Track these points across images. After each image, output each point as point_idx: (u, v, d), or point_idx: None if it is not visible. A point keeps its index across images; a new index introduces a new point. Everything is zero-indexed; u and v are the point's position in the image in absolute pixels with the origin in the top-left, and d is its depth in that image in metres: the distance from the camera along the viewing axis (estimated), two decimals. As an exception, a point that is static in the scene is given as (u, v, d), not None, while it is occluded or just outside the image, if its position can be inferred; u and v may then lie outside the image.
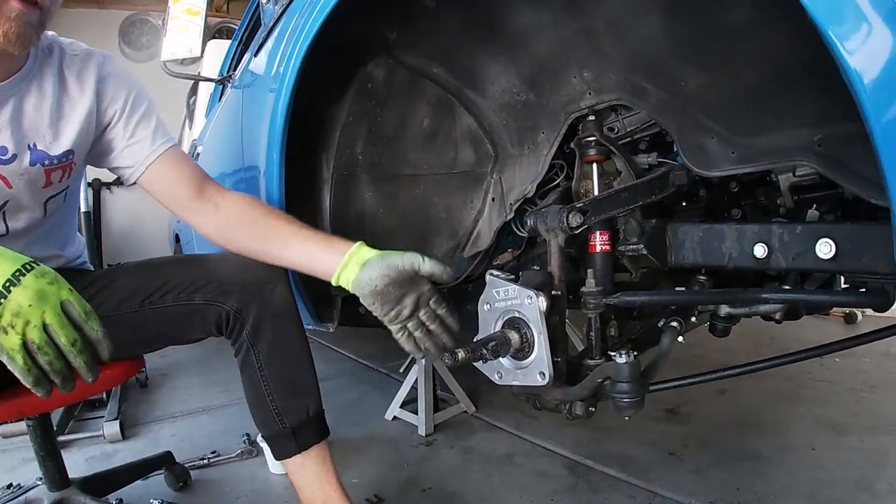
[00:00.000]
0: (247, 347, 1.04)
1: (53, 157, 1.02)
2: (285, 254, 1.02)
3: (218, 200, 1.08)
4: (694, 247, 1.00)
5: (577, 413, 0.92)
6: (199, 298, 1.04)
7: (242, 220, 1.06)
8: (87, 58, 1.06)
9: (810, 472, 1.49)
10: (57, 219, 1.13)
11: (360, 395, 2.37)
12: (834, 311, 3.14)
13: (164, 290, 1.05)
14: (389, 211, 1.30)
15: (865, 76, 0.54)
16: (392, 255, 0.91)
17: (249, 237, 1.05)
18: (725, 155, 0.96)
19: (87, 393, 1.15)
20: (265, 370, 1.05)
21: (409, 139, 1.28)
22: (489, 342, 0.85)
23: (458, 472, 1.62)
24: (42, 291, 0.71)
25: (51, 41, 1.04)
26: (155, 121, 1.11)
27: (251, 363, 1.05)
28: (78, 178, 1.14)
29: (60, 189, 1.08)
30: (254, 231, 1.04)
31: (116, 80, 1.08)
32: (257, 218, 1.05)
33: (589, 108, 1.11)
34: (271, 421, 1.08)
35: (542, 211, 0.95)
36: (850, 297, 0.88)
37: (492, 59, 1.18)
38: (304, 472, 1.11)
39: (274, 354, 1.05)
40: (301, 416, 1.08)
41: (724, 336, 1.11)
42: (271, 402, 1.06)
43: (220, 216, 1.07)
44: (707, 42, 0.92)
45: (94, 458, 1.85)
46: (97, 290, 1.06)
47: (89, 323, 0.74)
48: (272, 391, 1.06)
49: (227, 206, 1.07)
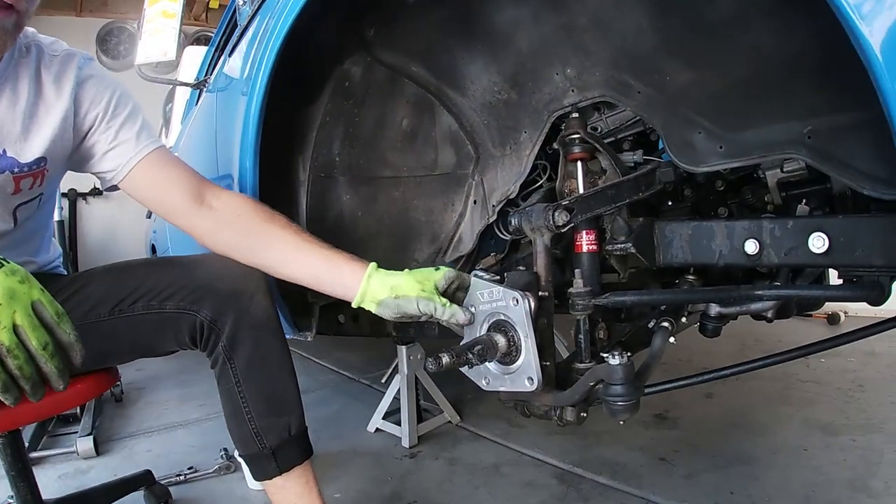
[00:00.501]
0: (223, 360, 0.97)
1: (24, 164, 0.94)
2: (286, 270, 0.97)
3: (213, 203, 1.00)
4: (683, 245, 0.98)
5: (567, 419, 0.88)
6: (171, 306, 0.96)
7: (239, 228, 0.98)
8: (67, 60, 0.99)
9: (803, 473, 1.47)
10: (29, 227, 1.06)
11: (341, 406, 2.31)
12: (817, 314, 3.16)
13: (134, 297, 0.97)
14: (368, 214, 1.26)
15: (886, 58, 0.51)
16: (408, 299, 0.87)
17: (245, 247, 0.98)
18: (713, 150, 0.94)
19: (58, 408, 1.08)
20: (243, 385, 0.97)
21: (387, 140, 1.24)
22: (475, 346, 0.80)
23: (443, 485, 1.56)
24: (12, 290, 0.66)
25: (30, 40, 0.96)
26: (140, 122, 1.03)
27: (228, 377, 0.97)
28: (52, 185, 1.06)
29: (31, 196, 1.00)
30: (251, 241, 0.97)
31: (97, 83, 1.01)
32: (257, 225, 0.97)
33: (572, 106, 1.09)
34: (249, 440, 1.00)
35: (526, 210, 0.91)
36: (845, 292, 0.86)
37: (472, 56, 1.15)
38: (285, 493, 1.04)
39: (253, 368, 0.98)
40: (282, 436, 1.01)
41: (715, 336, 1.08)
42: (250, 421, 0.98)
43: (213, 222, 0.99)
44: (693, 37, 0.90)
45: (67, 474, 1.77)
46: (67, 296, 0.98)
47: (61, 326, 0.69)
48: (251, 408, 0.98)
49: (223, 210, 0.99)
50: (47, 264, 1.16)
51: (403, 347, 1.83)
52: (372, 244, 1.26)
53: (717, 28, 0.86)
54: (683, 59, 0.93)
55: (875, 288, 0.82)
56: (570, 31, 1.01)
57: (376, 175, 1.25)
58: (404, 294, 0.87)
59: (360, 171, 1.23)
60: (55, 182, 1.06)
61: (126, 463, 1.84)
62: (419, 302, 0.86)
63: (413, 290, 0.87)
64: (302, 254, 0.95)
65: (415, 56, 1.18)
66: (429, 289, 0.87)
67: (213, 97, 1.65)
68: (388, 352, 2.50)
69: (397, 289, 0.88)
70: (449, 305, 0.87)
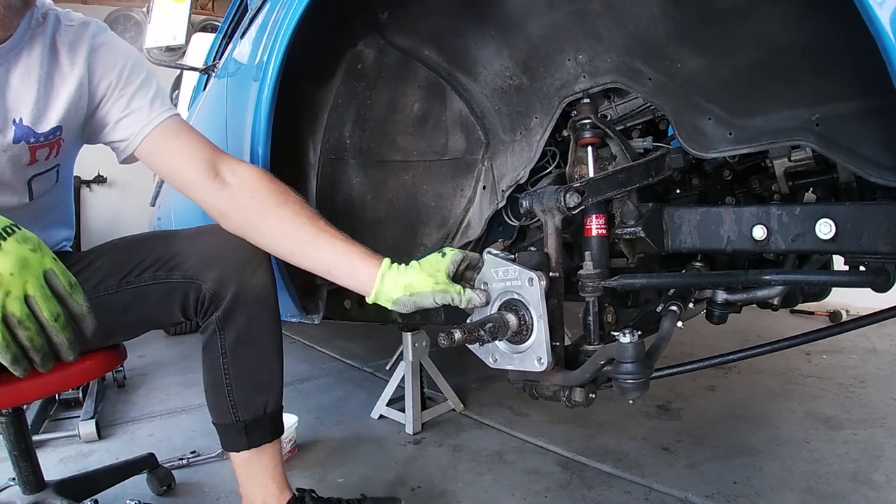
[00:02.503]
0: (213, 329, 0.98)
1: (40, 133, 0.94)
2: (297, 260, 0.95)
3: (228, 178, 0.96)
4: (691, 230, 0.98)
5: (576, 400, 0.88)
6: (178, 276, 0.97)
7: (251, 212, 0.95)
8: (82, 28, 0.98)
9: (806, 465, 1.48)
10: (47, 201, 1.06)
11: (344, 394, 2.32)
12: (819, 311, 3.17)
13: (141, 268, 0.98)
14: (377, 198, 1.27)
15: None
16: (424, 294, 0.87)
17: (256, 232, 0.96)
18: (722, 136, 0.94)
19: (65, 385, 1.06)
20: (228, 357, 0.98)
21: (398, 124, 1.24)
22: (486, 324, 0.81)
23: (447, 471, 1.57)
24: (24, 259, 0.65)
25: (46, 9, 0.96)
26: (154, 90, 1.01)
27: (215, 347, 0.98)
28: (69, 158, 1.06)
29: (48, 167, 1.00)
30: (263, 227, 0.95)
31: (110, 50, 1.00)
32: (270, 211, 0.94)
33: (583, 92, 1.09)
34: (224, 411, 1.01)
35: (538, 191, 0.92)
36: (850, 277, 0.87)
37: (484, 41, 1.16)
38: (250, 466, 1.06)
39: (241, 343, 0.98)
40: (257, 412, 1.02)
41: (721, 323, 1.09)
42: (228, 393, 1.00)
43: (227, 201, 0.96)
44: (704, 24, 0.91)
45: (69, 457, 1.78)
46: (76, 271, 0.98)
47: (73, 297, 0.69)
48: (231, 381, 0.99)
49: (237, 188, 0.96)
50: (57, 243, 1.16)
51: (408, 334, 1.84)
52: (380, 228, 1.27)
53: (727, 15, 0.86)
54: (694, 46, 0.93)
55: (880, 274, 0.83)
56: (582, 16, 1.01)
57: (386, 159, 1.26)
58: (419, 291, 0.87)
59: (371, 155, 1.23)
60: (72, 155, 1.07)
61: (128, 447, 1.85)
62: (435, 296, 0.86)
63: (427, 286, 0.87)
64: (313, 245, 0.93)
65: (427, 40, 1.19)
66: (442, 280, 0.87)
67: (223, 83, 1.65)
68: (391, 341, 2.51)
69: (411, 287, 0.87)
70: (464, 292, 0.87)
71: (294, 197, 0.97)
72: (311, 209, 0.97)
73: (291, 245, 0.94)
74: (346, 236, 0.94)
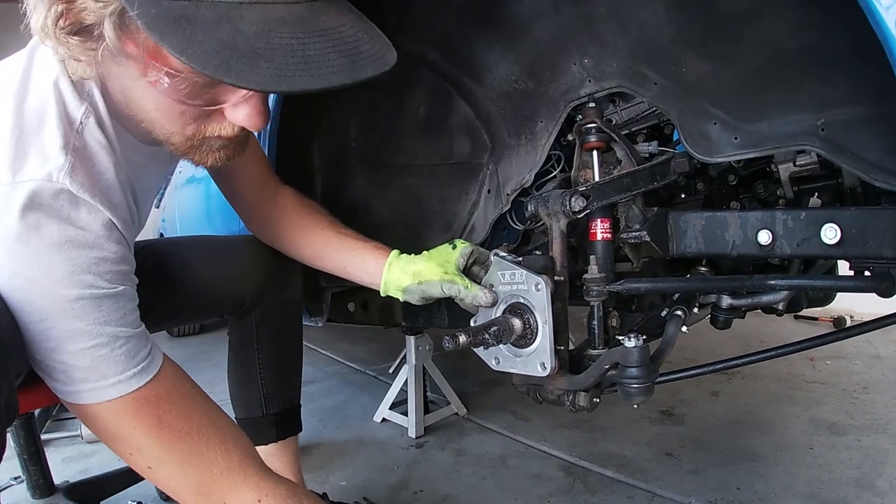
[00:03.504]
0: (251, 326, 1.03)
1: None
2: (318, 263, 1.01)
3: (275, 196, 1.04)
4: (696, 235, 0.98)
5: (580, 404, 0.88)
6: (223, 277, 1.03)
7: (284, 227, 1.02)
8: None
9: (810, 471, 1.48)
10: None
11: (347, 397, 2.32)
12: (823, 317, 3.16)
13: (182, 267, 1.03)
14: (382, 201, 1.27)
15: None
16: (432, 283, 0.89)
17: (286, 241, 1.03)
18: (728, 141, 0.94)
19: None
20: (263, 353, 1.04)
21: (403, 127, 1.25)
22: (491, 327, 0.81)
23: (450, 475, 1.57)
24: None
25: None
26: None
27: (250, 343, 1.04)
28: None
29: None
30: (292, 237, 1.02)
31: None
32: (297, 223, 1.02)
33: (589, 96, 1.09)
34: (256, 405, 1.06)
35: (543, 195, 0.92)
36: (855, 282, 0.87)
37: (490, 46, 1.16)
38: (273, 460, 1.08)
39: (276, 340, 1.05)
40: (285, 406, 1.08)
41: (726, 328, 1.09)
42: (262, 386, 1.04)
43: (271, 212, 1.03)
44: (709, 28, 0.91)
45: (71, 458, 1.78)
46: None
47: None
48: (265, 375, 1.04)
49: (281, 203, 1.03)
50: None
51: (412, 338, 1.84)
52: (385, 231, 1.27)
53: (733, 20, 0.87)
54: (699, 51, 0.93)
55: (885, 279, 0.83)
56: (588, 21, 1.02)
57: (391, 162, 1.26)
58: (427, 279, 0.89)
59: (376, 158, 1.24)
60: None
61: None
62: (443, 285, 0.88)
63: (436, 275, 0.88)
64: (331, 247, 0.99)
65: (433, 44, 1.19)
66: (451, 271, 0.89)
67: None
68: (394, 344, 2.51)
69: (420, 275, 0.90)
70: (472, 287, 0.88)
71: (314, 207, 1.05)
72: (330, 216, 1.04)
73: (313, 249, 1.01)
74: (361, 236, 1.00)
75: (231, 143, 0.71)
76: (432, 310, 1.50)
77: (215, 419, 0.74)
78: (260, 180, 1.03)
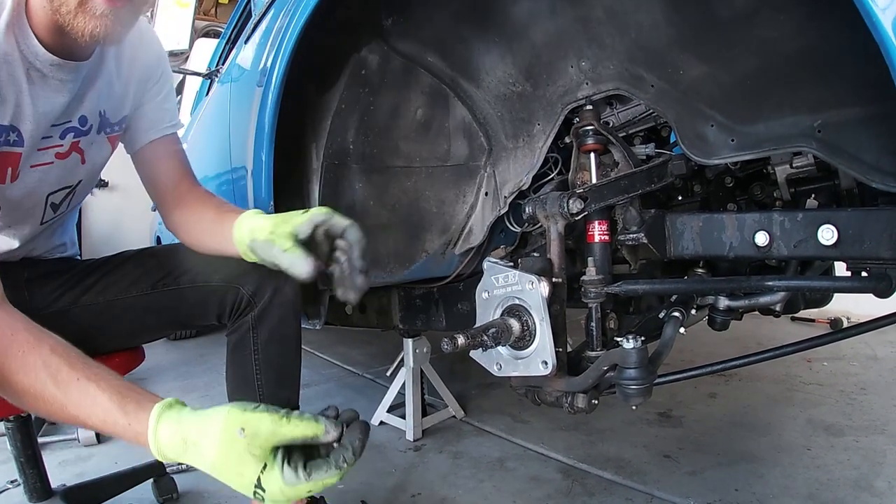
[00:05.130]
0: (247, 328, 1.02)
1: (114, 123, 1.01)
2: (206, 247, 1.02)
3: (187, 194, 1.06)
4: (694, 237, 0.99)
5: (578, 406, 0.88)
6: (218, 279, 1.01)
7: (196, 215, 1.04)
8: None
9: (807, 472, 1.48)
10: (74, 204, 1.11)
11: (344, 400, 2.32)
12: (820, 319, 3.17)
13: (178, 272, 1.03)
14: (380, 203, 1.27)
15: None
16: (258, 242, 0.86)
17: (188, 233, 1.05)
18: (725, 143, 0.95)
19: None
20: (260, 354, 1.02)
21: (401, 130, 1.25)
22: (489, 329, 0.81)
23: (448, 478, 1.57)
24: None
25: None
26: (175, 99, 1.12)
27: (247, 344, 1.02)
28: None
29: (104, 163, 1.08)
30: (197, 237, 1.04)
31: (159, 53, 1.09)
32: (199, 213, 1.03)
33: (586, 99, 1.10)
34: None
35: (541, 197, 0.92)
36: (852, 283, 0.87)
37: (488, 48, 1.16)
38: None
39: (272, 341, 1.03)
40: (282, 407, 1.06)
41: (723, 329, 1.10)
42: (259, 388, 1.03)
43: (181, 208, 1.05)
44: (706, 31, 0.91)
45: (67, 461, 1.77)
46: (102, 275, 1.04)
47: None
48: (262, 376, 1.03)
49: (189, 198, 1.06)
50: (73, 248, 1.20)
51: (409, 340, 1.84)
52: (383, 234, 1.27)
53: (729, 22, 0.87)
54: (696, 53, 0.94)
55: (882, 280, 0.83)
56: (585, 23, 1.02)
57: (389, 164, 1.26)
58: (257, 238, 0.86)
59: (374, 160, 1.24)
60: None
61: (127, 451, 1.84)
62: (274, 249, 0.83)
63: (263, 233, 0.85)
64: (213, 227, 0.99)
65: (430, 46, 1.19)
66: (280, 232, 0.83)
67: (226, 88, 1.66)
68: (392, 347, 2.51)
69: (254, 231, 0.87)
70: (291, 251, 0.82)
71: (215, 197, 1.08)
72: (225, 204, 1.05)
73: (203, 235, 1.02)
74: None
75: (115, 12, 0.76)
76: (430, 312, 1.51)
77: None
78: (174, 184, 1.06)
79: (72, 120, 0.94)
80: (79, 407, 0.65)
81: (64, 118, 0.92)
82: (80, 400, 0.65)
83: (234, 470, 0.61)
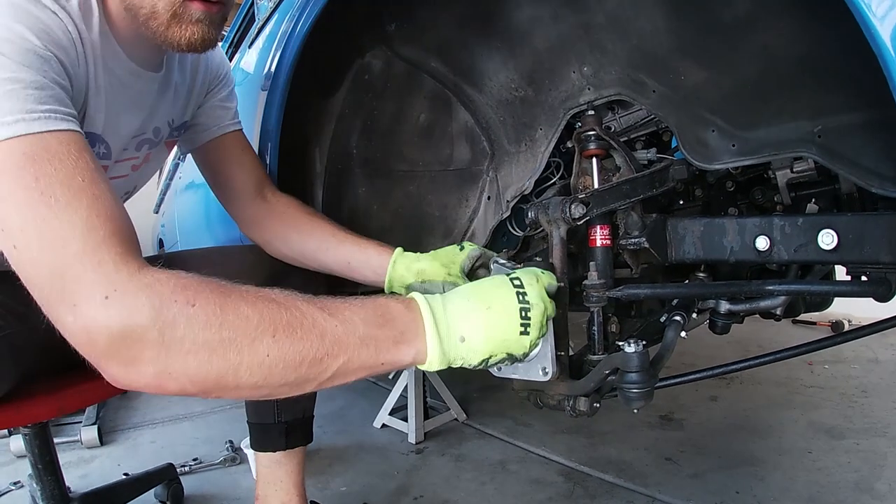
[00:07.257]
0: None
1: (174, 130, 0.99)
2: (321, 257, 1.00)
3: (269, 196, 1.04)
4: (695, 241, 0.99)
5: (580, 409, 0.89)
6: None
7: (285, 220, 1.02)
8: None
9: (808, 474, 1.48)
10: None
11: (346, 403, 2.32)
12: (821, 321, 3.17)
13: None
14: (383, 208, 1.27)
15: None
16: (434, 283, 0.88)
17: (284, 236, 1.02)
18: (726, 148, 0.95)
19: (106, 394, 1.09)
20: None
21: (404, 134, 1.26)
22: (491, 332, 0.81)
23: (450, 480, 1.57)
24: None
25: None
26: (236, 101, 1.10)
27: None
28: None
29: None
30: (292, 231, 1.01)
31: (222, 56, 1.08)
32: (298, 218, 1.02)
33: (588, 104, 1.10)
34: (267, 411, 1.05)
35: (543, 202, 0.93)
36: (852, 287, 0.88)
37: (490, 54, 1.17)
38: (278, 468, 1.08)
39: None
40: (297, 415, 1.07)
41: (724, 333, 1.10)
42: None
43: (266, 213, 1.03)
44: (708, 36, 0.92)
45: (71, 463, 1.78)
46: None
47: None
48: None
49: (274, 203, 1.03)
50: None
51: (412, 343, 1.84)
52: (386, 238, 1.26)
53: (730, 28, 0.88)
54: (698, 59, 0.94)
55: (882, 284, 0.83)
56: (587, 29, 1.03)
57: (392, 169, 1.27)
58: (430, 279, 0.88)
59: (377, 165, 1.24)
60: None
61: (130, 453, 1.86)
62: (445, 286, 0.87)
63: (439, 275, 0.88)
64: (334, 241, 0.97)
65: (434, 52, 1.20)
66: (455, 272, 0.88)
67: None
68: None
69: (423, 274, 0.89)
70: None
71: (313, 209, 1.05)
72: (333, 222, 1.03)
73: (315, 244, 0.99)
74: (361, 235, 1.00)
75: (210, 17, 0.73)
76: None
77: (99, 195, 0.59)
78: (253, 179, 1.03)
79: (147, 132, 0.92)
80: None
81: (140, 130, 0.90)
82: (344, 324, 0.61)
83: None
